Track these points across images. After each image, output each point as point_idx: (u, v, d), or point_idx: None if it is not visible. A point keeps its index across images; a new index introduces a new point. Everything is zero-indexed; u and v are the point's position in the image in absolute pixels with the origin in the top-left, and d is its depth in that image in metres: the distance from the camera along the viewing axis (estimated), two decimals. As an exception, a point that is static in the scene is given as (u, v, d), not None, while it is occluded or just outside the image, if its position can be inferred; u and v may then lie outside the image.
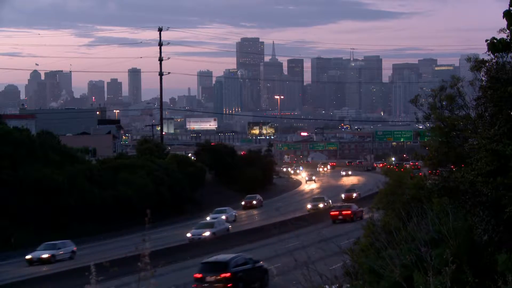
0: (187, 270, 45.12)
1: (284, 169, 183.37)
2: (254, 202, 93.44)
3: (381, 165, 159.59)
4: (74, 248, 56.44)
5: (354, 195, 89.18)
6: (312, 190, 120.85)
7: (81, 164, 79.96)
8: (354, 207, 70.36)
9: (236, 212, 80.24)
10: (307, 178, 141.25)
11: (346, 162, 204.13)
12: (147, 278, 7.98)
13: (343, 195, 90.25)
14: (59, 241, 56.35)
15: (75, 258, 54.32)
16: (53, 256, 53.73)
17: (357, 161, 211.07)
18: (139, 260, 8.34)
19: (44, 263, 52.52)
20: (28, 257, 53.67)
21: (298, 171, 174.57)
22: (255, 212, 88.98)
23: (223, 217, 71.44)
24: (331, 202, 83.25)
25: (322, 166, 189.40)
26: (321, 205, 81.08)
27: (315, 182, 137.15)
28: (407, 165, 75.57)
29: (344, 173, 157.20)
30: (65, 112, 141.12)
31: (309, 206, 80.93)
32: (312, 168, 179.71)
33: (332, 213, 69.34)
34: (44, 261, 52.95)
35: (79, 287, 38.30)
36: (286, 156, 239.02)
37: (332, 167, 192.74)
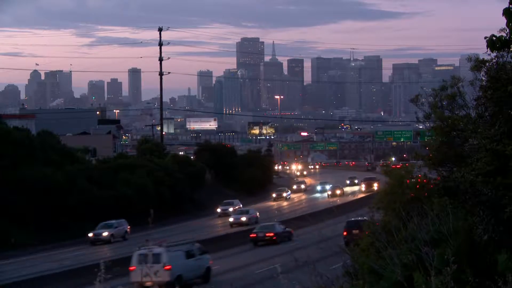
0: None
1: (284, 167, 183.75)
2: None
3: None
4: None
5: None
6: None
7: (81, 164, 79.99)
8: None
9: None
10: None
11: (346, 162, 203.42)
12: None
13: None
14: None
15: None
16: None
17: (366, 162, 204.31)
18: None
19: None
20: None
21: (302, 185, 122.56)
22: None
23: None
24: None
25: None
26: (243, 219, 71.10)
27: None
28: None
29: (349, 181, 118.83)
30: (65, 112, 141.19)
31: (230, 219, 71.95)
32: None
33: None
34: None
35: (81, 286, 38.24)
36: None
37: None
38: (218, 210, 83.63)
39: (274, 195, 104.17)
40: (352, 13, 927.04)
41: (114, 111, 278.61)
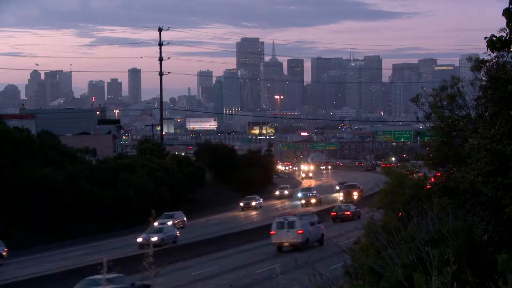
0: (187, 269, 45.27)
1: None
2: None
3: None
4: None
5: None
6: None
7: (81, 164, 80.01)
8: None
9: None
10: None
11: (337, 162, 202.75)
12: (150, 277, 7.98)
13: None
14: None
15: None
16: None
17: (357, 162, 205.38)
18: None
19: None
20: None
21: None
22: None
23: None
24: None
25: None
26: (154, 239, 52.26)
27: None
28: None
29: (338, 187, 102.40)
30: (65, 112, 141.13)
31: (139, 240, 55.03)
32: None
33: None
34: None
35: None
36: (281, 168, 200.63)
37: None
38: (155, 224, 64.60)
39: (241, 204, 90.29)
40: (352, 13, 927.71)
41: (114, 111, 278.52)
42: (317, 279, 14.40)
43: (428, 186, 24.87)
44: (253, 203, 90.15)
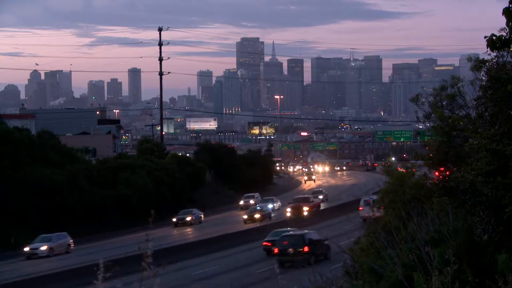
0: (187, 269, 45.28)
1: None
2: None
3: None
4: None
5: None
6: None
7: (81, 164, 79.97)
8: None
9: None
10: None
11: (348, 162, 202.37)
12: (149, 277, 7.97)
13: None
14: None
15: None
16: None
17: (345, 162, 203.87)
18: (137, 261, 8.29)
19: None
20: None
21: None
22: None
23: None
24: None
25: None
26: None
27: None
28: None
29: (312, 196, 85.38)
30: (65, 112, 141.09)
31: None
32: None
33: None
34: None
35: (81, 286, 38.19)
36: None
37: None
38: (26, 249, 58.14)
39: (174, 219, 76.49)
40: (352, 13, 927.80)
41: (114, 111, 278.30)
42: (317, 279, 14.40)
43: (435, 180, 24.75)
44: (188, 218, 76.59)
